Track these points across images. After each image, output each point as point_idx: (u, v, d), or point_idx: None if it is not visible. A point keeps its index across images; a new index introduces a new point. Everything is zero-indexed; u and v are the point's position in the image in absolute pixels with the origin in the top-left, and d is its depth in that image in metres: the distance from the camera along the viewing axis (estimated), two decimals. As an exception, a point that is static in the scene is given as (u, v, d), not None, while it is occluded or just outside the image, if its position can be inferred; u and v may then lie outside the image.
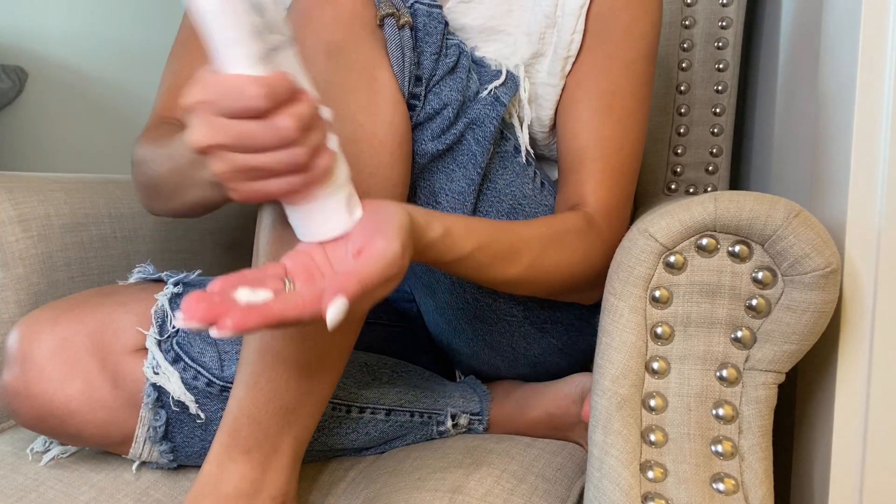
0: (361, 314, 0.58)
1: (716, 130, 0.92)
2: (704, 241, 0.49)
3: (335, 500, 0.65)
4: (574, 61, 0.67)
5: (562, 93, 0.69)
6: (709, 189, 0.94)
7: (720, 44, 0.91)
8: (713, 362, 0.50)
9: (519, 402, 0.76)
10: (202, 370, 0.63)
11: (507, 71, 0.65)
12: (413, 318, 0.85)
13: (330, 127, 0.45)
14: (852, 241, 0.50)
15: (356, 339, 0.59)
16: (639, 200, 0.92)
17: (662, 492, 0.49)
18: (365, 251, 0.43)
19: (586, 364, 0.78)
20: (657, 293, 0.50)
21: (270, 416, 0.55)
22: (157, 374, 0.63)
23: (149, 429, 0.64)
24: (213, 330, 0.38)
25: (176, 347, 0.64)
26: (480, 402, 0.75)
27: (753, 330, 0.49)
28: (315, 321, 0.41)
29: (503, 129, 0.66)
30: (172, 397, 0.63)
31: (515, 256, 0.56)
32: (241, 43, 0.39)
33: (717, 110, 0.92)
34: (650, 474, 0.49)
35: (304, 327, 0.55)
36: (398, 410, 0.71)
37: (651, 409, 0.50)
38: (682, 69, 0.93)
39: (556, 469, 0.66)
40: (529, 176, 0.67)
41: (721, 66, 0.91)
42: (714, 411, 0.50)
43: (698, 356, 0.50)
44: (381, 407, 0.71)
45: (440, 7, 0.61)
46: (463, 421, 0.73)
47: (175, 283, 0.69)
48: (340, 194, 0.46)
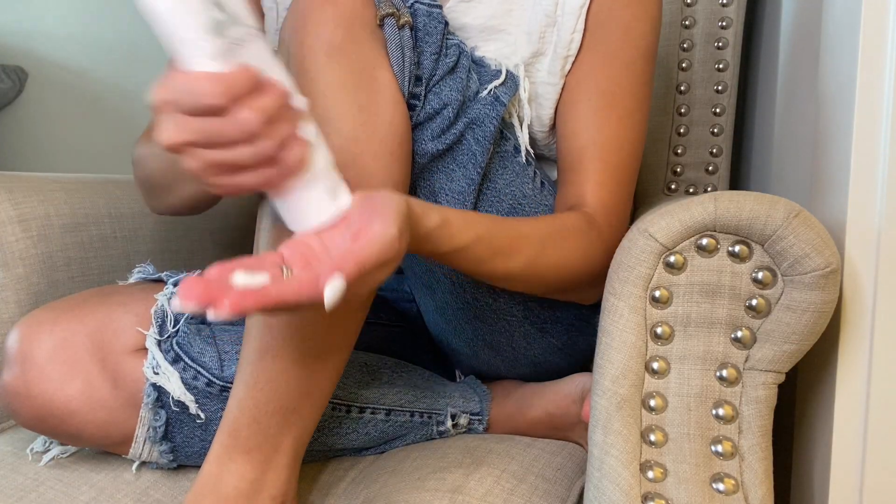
0: (360, 306, 0.58)
1: (716, 130, 0.92)
2: (704, 241, 0.49)
3: (335, 500, 0.65)
4: (574, 60, 0.67)
5: (562, 92, 0.69)
6: (709, 189, 0.94)
7: (720, 44, 0.91)
8: (713, 362, 0.50)
9: (519, 402, 0.76)
10: (202, 370, 0.63)
11: (506, 71, 0.65)
12: (413, 318, 0.85)
13: (304, 116, 0.45)
14: (852, 241, 0.50)
15: (356, 338, 0.59)
16: (639, 200, 0.92)
17: (662, 492, 0.49)
18: (362, 234, 0.43)
19: (586, 364, 0.78)
20: (657, 293, 0.50)
21: (270, 416, 0.55)
22: (157, 374, 0.63)
23: (149, 429, 0.64)
24: (210, 312, 0.38)
25: (176, 347, 0.64)
26: (480, 402, 0.75)
27: (753, 330, 0.49)
28: (313, 304, 0.41)
29: (503, 129, 0.66)
30: (172, 397, 0.63)
31: (515, 251, 0.56)
32: (199, 40, 0.40)
33: (717, 110, 0.92)
34: (650, 474, 0.49)
35: (304, 327, 0.55)
36: (398, 410, 0.71)
37: (651, 409, 0.50)
38: (682, 69, 0.93)
39: (556, 469, 0.66)
40: (529, 176, 0.67)
41: (721, 66, 0.91)
42: (714, 411, 0.50)
43: (698, 356, 0.50)
44: (381, 407, 0.71)
45: (440, 7, 0.61)
46: (463, 421, 0.73)
47: (175, 284, 0.69)
48: (321, 182, 0.45)
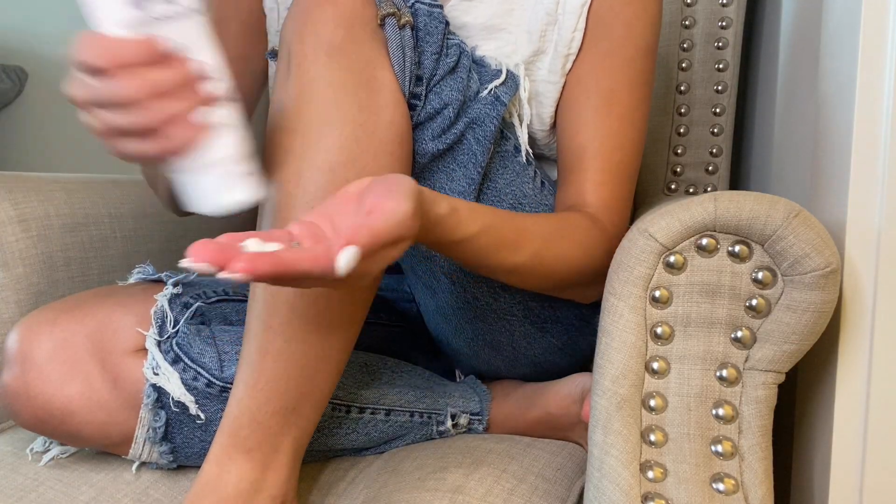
0: (361, 306, 0.57)
1: (716, 130, 0.92)
2: (704, 241, 0.49)
3: (335, 500, 0.65)
4: (575, 59, 0.67)
5: (562, 90, 0.69)
6: (709, 189, 0.94)
7: (720, 44, 0.91)
8: (713, 362, 0.50)
9: (519, 402, 0.76)
10: (202, 371, 0.63)
11: (507, 70, 0.65)
12: (413, 318, 0.85)
13: (218, 101, 0.45)
14: (852, 241, 0.50)
15: (356, 338, 0.59)
16: (639, 200, 0.92)
17: (662, 492, 0.49)
18: (376, 209, 0.42)
19: (586, 364, 0.78)
20: (657, 293, 0.50)
21: (271, 416, 0.55)
22: (157, 374, 0.63)
23: (148, 429, 0.64)
24: (223, 273, 0.37)
25: (176, 348, 0.64)
26: (480, 402, 0.75)
27: (753, 330, 0.49)
28: (325, 275, 0.40)
29: (503, 129, 0.66)
30: (172, 398, 0.63)
31: (520, 244, 0.56)
32: (111, 8, 0.42)
33: (717, 110, 0.92)
34: (650, 474, 0.49)
35: (305, 327, 0.55)
36: (398, 410, 0.71)
37: (651, 409, 0.50)
38: (682, 69, 0.93)
39: (556, 469, 0.66)
40: (529, 175, 0.67)
41: (721, 66, 0.91)
42: (714, 411, 0.50)
43: (698, 356, 0.50)
44: (381, 407, 0.70)
45: (441, 7, 0.61)
46: (463, 421, 0.73)
47: (175, 284, 0.69)
48: (218, 170, 0.45)
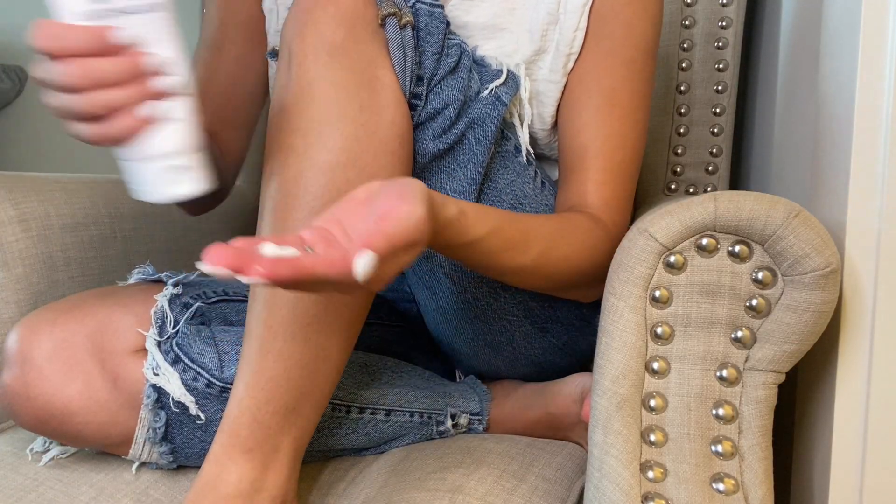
0: (361, 307, 0.57)
1: (716, 130, 0.92)
2: (704, 241, 0.49)
3: (335, 500, 0.65)
4: (576, 58, 0.67)
5: (563, 90, 0.69)
6: (709, 189, 0.94)
7: (720, 44, 0.91)
8: (713, 362, 0.50)
9: (519, 402, 0.76)
10: (202, 371, 0.63)
11: (507, 70, 0.65)
12: (413, 318, 0.85)
13: (170, 94, 0.46)
14: (852, 241, 0.50)
15: (357, 339, 0.59)
16: (639, 200, 0.92)
17: (662, 492, 0.49)
18: (390, 214, 0.42)
19: (586, 364, 0.78)
20: (657, 293, 0.50)
21: (271, 416, 0.55)
22: (157, 374, 0.63)
23: (148, 430, 0.64)
24: (242, 276, 0.37)
25: (176, 348, 0.64)
26: (480, 402, 0.75)
27: (753, 330, 0.49)
28: (342, 280, 0.40)
29: (504, 129, 0.66)
30: (172, 398, 0.63)
31: (526, 245, 0.56)
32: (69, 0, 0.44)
33: (717, 110, 0.92)
34: (650, 474, 0.49)
35: (305, 328, 0.55)
36: (398, 410, 0.71)
37: (651, 409, 0.50)
38: (682, 69, 0.93)
39: (556, 469, 0.66)
40: (530, 175, 0.67)
41: (721, 66, 0.91)
42: (714, 411, 0.50)
43: (698, 356, 0.50)
44: (381, 407, 0.70)
45: (442, 7, 0.61)
46: (463, 421, 0.73)
47: (175, 284, 0.69)
48: (161, 163, 0.47)
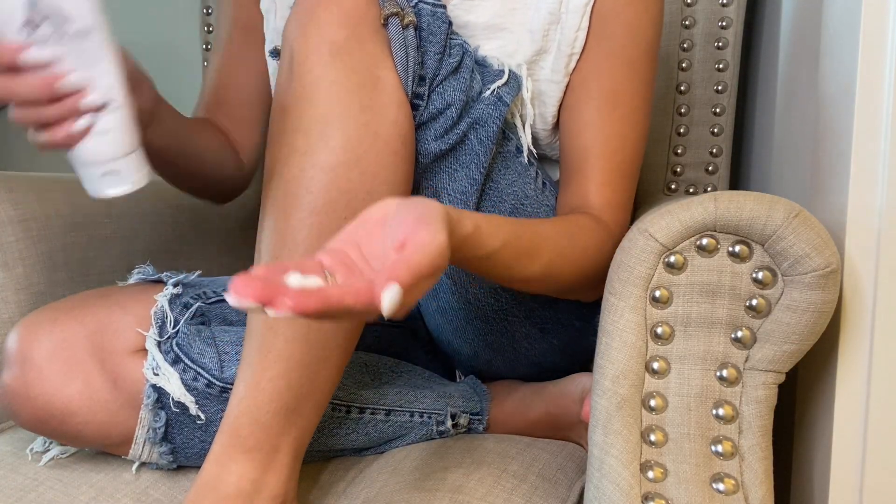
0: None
1: (716, 130, 0.92)
2: (704, 241, 0.49)
3: (335, 500, 0.65)
4: (578, 59, 0.67)
5: (565, 90, 0.69)
6: (709, 189, 0.94)
7: (720, 44, 0.91)
8: (713, 362, 0.50)
9: (519, 401, 0.76)
10: (202, 371, 0.63)
11: (509, 71, 0.65)
12: (413, 318, 0.85)
13: (99, 113, 0.53)
14: (852, 241, 0.50)
15: (357, 339, 0.59)
16: (639, 200, 0.92)
17: (662, 492, 0.49)
18: (410, 242, 0.42)
19: (586, 364, 0.78)
20: (657, 293, 0.50)
21: (271, 416, 0.55)
22: (157, 375, 0.63)
23: (148, 430, 0.64)
24: (270, 310, 0.37)
25: (175, 348, 0.64)
26: (480, 402, 0.75)
27: (753, 330, 0.49)
28: (368, 312, 0.40)
29: (505, 129, 0.66)
30: (172, 398, 0.63)
31: (536, 253, 0.55)
32: (4, 26, 0.49)
33: (717, 110, 0.92)
34: (650, 474, 0.49)
35: (306, 328, 0.55)
36: (398, 410, 0.71)
37: (651, 409, 0.50)
38: (682, 69, 0.93)
39: (556, 469, 0.66)
40: (531, 176, 0.67)
41: (721, 66, 0.91)
42: (714, 411, 0.50)
43: (698, 356, 0.50)
44: (381, 407, 0.70)
45: (444, 7, 0.61)
46: (463, 421, 0.73)
47: (175, 284, 0.69)
48: (95, 169, 0.55)
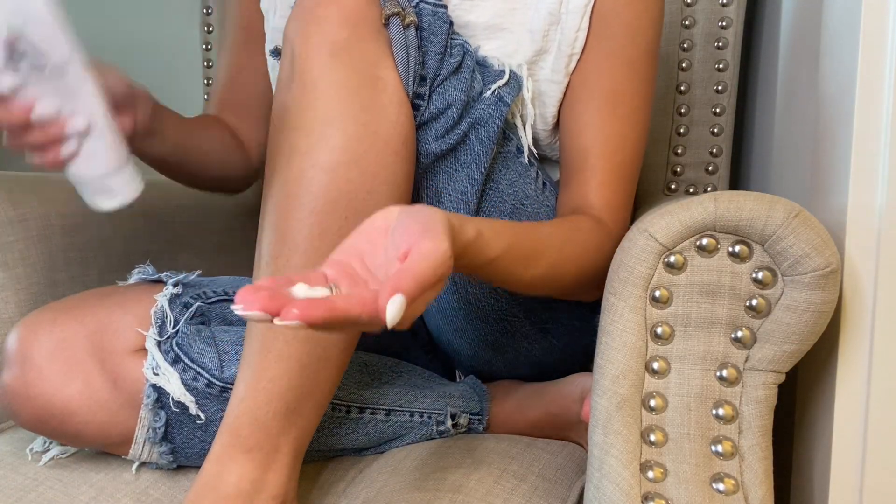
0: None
1: (716, 130, 0.92)
2: (704, 241, 0.49)
3: (335, 500, 0.65)
4: (578, 59, 0.67)
5: (565, 90, 0.69)
6: (709, 189, 0.94)
7: (720, 44, 0.91)
8: (713, 362, 0.50)
9: (519, 401, 0.76)
10: (202, 371, 0.63)
11: (510, 71, 0.65)
12: (413, 319, 0.85)
13: (84, 136, 0.59)
14: (852, 241, 0.50)
15: (358, 339, 0.59)
16: (639, 200, 0.92)
17: (662, 492, 0.49)
18: (414, 251, 0.41)
19: (586, 364, 0.78)
20: (657, 293, 0.50)
21: (272, 416, 0.55)
22: (157, 374, 0.63)
23: (148, 430, 0.64)
24: (277, 320, 0.37)
25: (175, 348, 0.64)
26: (480, 402, 0.75)
27: (753, 330, 0.49)
28: (373, 322, 0.40)
29: (506, 130, 0.66)
30: (172, 398, 0.63)
31: (538, 257, 0.55)
32: None
33: (717, 110, 0.92)
34: (650, 474, 0.49)
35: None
36: (398, 410, 0.71)
37: (651, 409, 0.50)
38: (682, 69, 0.93)
39: (556, 469, 0.66)
40: (532, 176, 0.67)
41: (721, 66, 0.91)
42: (714, 411, 0.50)
43: (698, 356, 0.50)
44: (381, 407, 0.70)
45: (445, 7, 0.61)
46: (463, 421, 0.73)
47: (175, 284, 0.69)
48: (87, 185, 0.61)
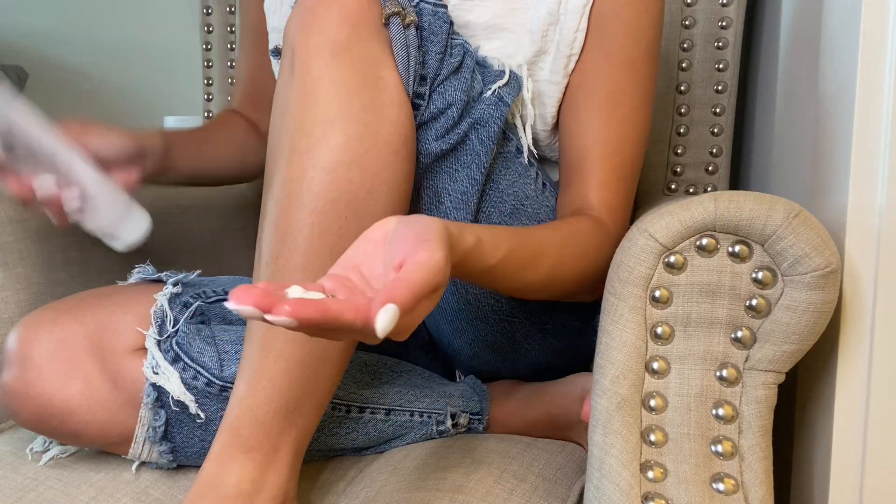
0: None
1: (716, 130, 0.92)
2: (704, 241, 0.49)
3: (335, 500, 0.65)
4: (577, 60, 0.67)
5: (565, 91, 0.69)
6: (709, 189, 0.94)
7: (720, 44, 0.91)
8: (713, 362, 0.50)
9: (519, 401, 0.76)
10: (202, 370, 0.63)
11: (509, 71, 0.65)
12: (413, 319, 0.85)
13: (85, 199, 0.68)
14: (852, 241, 0.50)
15: (357, 341, 0.59)
16: (639, 200, 0.92)
17: (662, 492, 0.49)
18: (408, 261, 0.41)
19: (586, 364, 0.78)
20: (657, 293, 0.50)
21: (272, 416, 0.55)
22: (157, 373, 0.63)
23: (148, 429, 0.64)
24: (269, 316, 0.36)
25: (175, 347, 0.64)
26: (480, 402, 0.75)
27: (753, 330, 0.49)
28: (367, 329, 0.39)
29: (505, 130, 0.66)
30: (172, 397, 0.63)
31: (538, 261, 0.55)
32: None
33: (717, 110, 0.92)
34: (650, 474, 0.49)
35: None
36: (398, 410, 0.71)
37: (651, 409, 0.50)
38: (682, 69, 0.93)
39: (556, 469, 0.66)
40: (531, 177, 0.67)
41: (721, 66, 0.91)
42: (714, 411, 0.50)
43: (698, 356, 0.50)
44: (381, 407, 0.70)
45: (445, 6, 0.61)
46: (463, 421, 0.73)
47: (174, 284, 0.69)
48: (97, 234, 0.70)
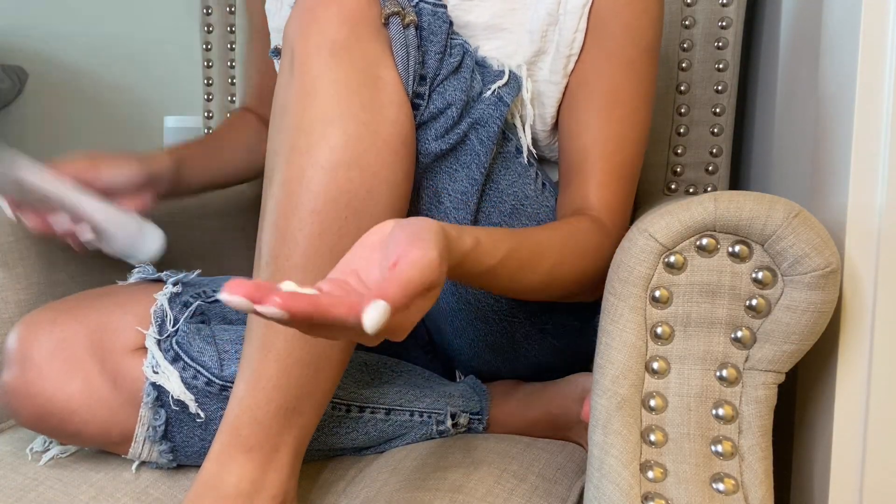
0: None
1: (716, 130, 0.92)
2: (704, 241, 0.49)
3: (335, 500, 0.65)
4: (576, 60, 0.67)
5: (564, 91, 0.69)
6: (709, 189, 0.94)
7: (720, 44, 0.91)
8: (713, 362, 0.50)
9: (519, 401, 0.76)
10: (202, 369, 0.63)
11: (509, 71, 0.65)
12: (413, 319, 0.85)
13: (97, 232, 0.71)
14: (852, 241, 0.50)
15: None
16: (639, 200, 0.92)
17: (662, 492, 0.49)
18: (402, 260, 0.41)
19: (586, 364, 0.78)
20: (657, 293, 0.50)
21: (272, 416, 0.55)
22: (157, 373, 0.63)
23: (148, 428, 0.64)
24: (259, 307, 0.36)
25: (175, 347, 0.64)
26: (480, 402, 0.75)
27: (753, 330, 0.49)
28: (356, 327, 0.39)
29: (505, 130, 0.66)
30: (172, 396, 0.63)
31: (538, 262, 0.55)
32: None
33: (717, 110, 0.92)
34: (650, 474, 0.49)
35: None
36: (398, 410, 0.71)
37: (651, 409, 0.50)
38: (682, 69, 0.93)
39: (556, 469, 0.66)
40: (531, 177, 0.67)
41: (721, 66, 0.91)
42: (714, 411, 0.50)
43: (698, 356, 0.50)
44: (381, 406, 0.70)
45: (445, 6, 0.61)
46: (463, 420, 0.73)
47: (174, 283, 0.69)
48: (116, 256, 0.74)
